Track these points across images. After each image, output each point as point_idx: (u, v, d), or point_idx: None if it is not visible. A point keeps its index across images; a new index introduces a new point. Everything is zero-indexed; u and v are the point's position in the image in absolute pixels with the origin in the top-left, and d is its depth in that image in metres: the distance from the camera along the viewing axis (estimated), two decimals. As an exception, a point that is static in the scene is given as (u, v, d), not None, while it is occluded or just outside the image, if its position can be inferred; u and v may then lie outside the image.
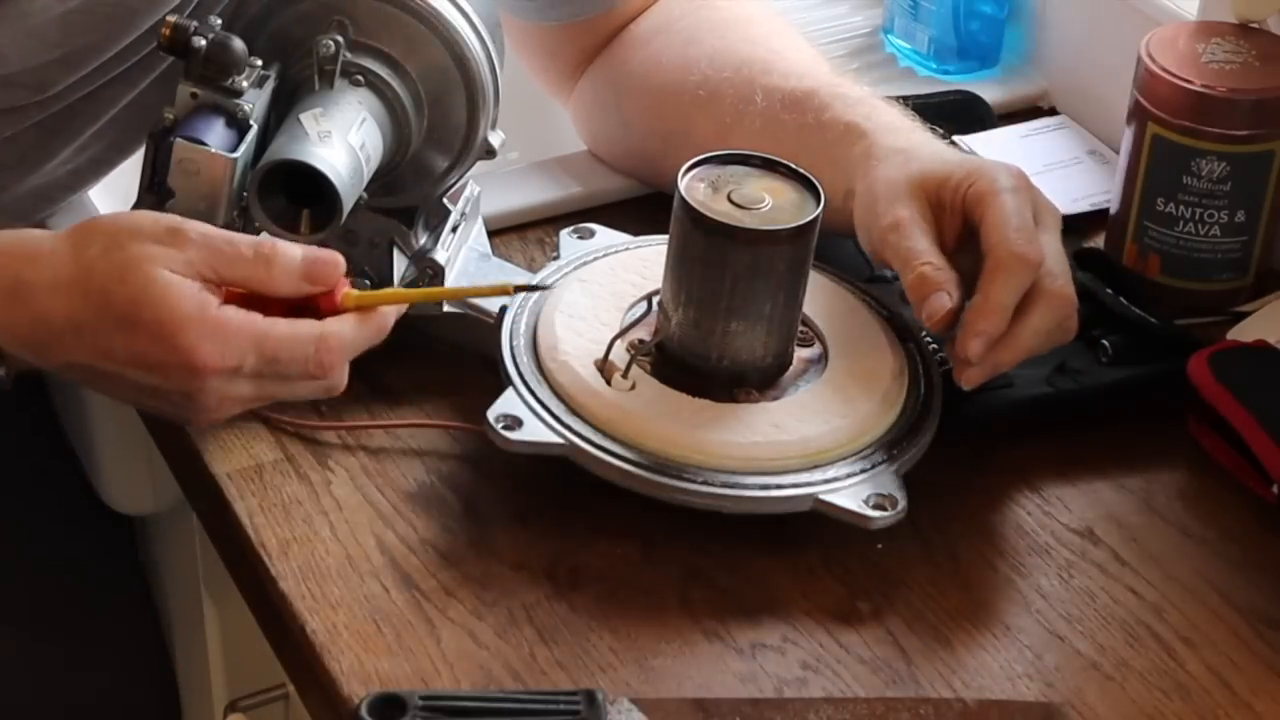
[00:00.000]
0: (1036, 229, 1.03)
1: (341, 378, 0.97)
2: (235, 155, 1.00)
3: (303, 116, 1.02)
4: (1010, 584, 1.02)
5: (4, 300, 0.93)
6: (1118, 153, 1.23)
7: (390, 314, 0.99)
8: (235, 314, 0.94)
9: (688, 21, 1.22)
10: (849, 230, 1.09)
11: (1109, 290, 1.16)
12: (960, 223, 1.04)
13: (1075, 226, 1.26)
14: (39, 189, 1.16)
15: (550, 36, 1.25)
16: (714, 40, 1.19)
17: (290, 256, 0.96)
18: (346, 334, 0.97)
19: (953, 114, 1.34)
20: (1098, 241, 1.25)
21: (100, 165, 1.18)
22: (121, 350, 0.93)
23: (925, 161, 1.07)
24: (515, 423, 1.02)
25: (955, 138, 1.32)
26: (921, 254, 1.02)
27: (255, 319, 0.94)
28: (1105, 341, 1.14)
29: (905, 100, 1.19)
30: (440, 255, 1.10)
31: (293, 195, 1.02)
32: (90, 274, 0.93)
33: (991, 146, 1.32)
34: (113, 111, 1.13)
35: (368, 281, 1.08)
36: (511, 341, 1.07)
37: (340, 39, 1.04)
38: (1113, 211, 1.24)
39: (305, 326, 0.96)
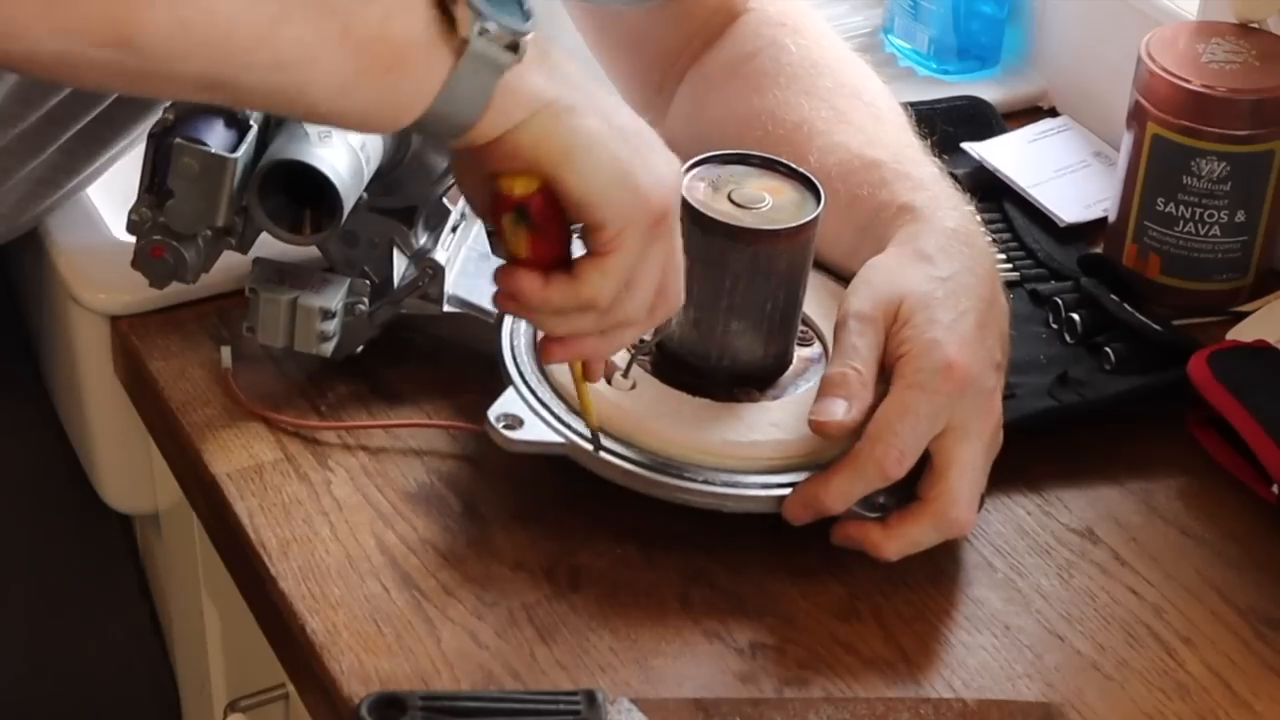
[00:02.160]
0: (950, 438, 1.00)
1: None
2: (235, 155, 1.00)
3: (303, 116, 1.02)
4: (1010, 584, 1.02)
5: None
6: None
7: None
8: None
9: (757, 63, 1.19)
10: None
11: (1114, 296, 1.17)
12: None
13: (1083, 232, 1.27)
14: (42, 175, 1.16)
15: (641, 28, 1.23)
16: (777, 92, 1.16)
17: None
18: None
19: (960, 120, 1.34)
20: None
21: (97, 145, 1.17)
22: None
23: (916, 284, 1.03)
24: (516, 422, 1.02)
25: (964, 145, 1.32)
26: (856, 355, 1.00)
27: None
28: (1109, 349, 1.14)
29: (914, 106, 1.19)
30: (440, 255, 1.10)
31: (293, 195, 1.02)
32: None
33: (999, 152, 1.32)
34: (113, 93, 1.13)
35: (367, 284, 1.08)
36: (511, 341, 1.07)
37: (340, 39, 1.04)
38: (1113, 212, 1.24)
39: None
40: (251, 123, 1.01)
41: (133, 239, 1.03)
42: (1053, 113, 1.40)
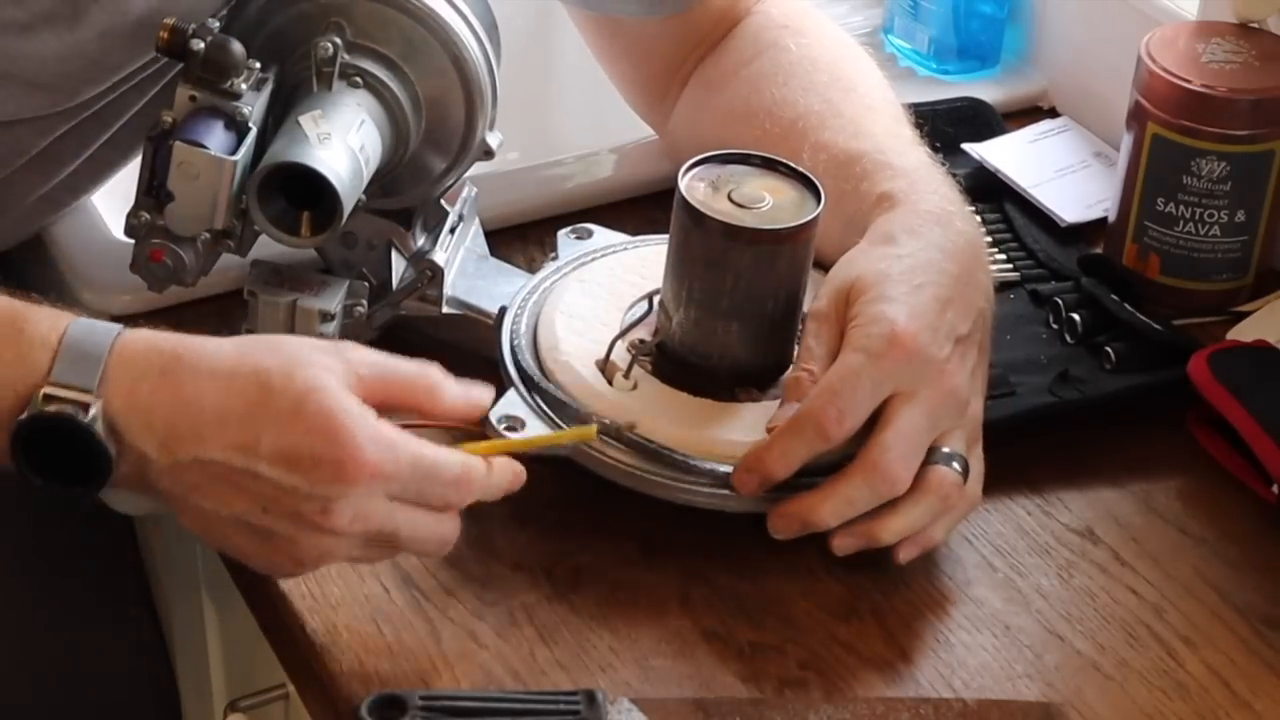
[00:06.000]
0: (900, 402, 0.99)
1: (458, 524, 0.94)
2: (235, 158, 1.00)
3: (302, 119, 1.02)
4: (1010, 584, 1.02)
5: (155, 378, 0.90)
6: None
7: (519, 471, 0.96)
8: (394, 428, 0.92)
9: (756, 66, 1.19)
10: None
11: (1114, 296, 1.17)
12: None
13: (1083, 232, 1.27)
14: (47, 195, 1.16)
15: (646, 36, 1.23)
16: (775, 91, 1.17)
17: (452, 386, 0.95)
18: (481, 474, 0.94)
19: (960, 120, 1.34)
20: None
21: (103, 168, 1.18)
22: (269, 444, 0.89)
23: (871, 265, 1.03)
24: (518, 424, 1.02)
25: (964, 145, 1.32)
26: (810, 357, 1.01)
27: (412, 436, 0.92)
28: (1109, 349, 1.14)
29: (914, 106, 1.19)
30: (439, 256, 1.10)
31: (292, 198, 1.02)
32: (255, 367, 0.90)
33: (999, 152, 1.32)
34: (124, 119, 1.13)
35: (366, 285, 1.08)
36: (512, 342, 1.07)
37: (338, 41, 1.04)
38: (1113, 212, 1.24)
39: (452, 455, 0.93)
40: (250, 125, 1.01)
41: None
42: (1053, 113, 1.40)
